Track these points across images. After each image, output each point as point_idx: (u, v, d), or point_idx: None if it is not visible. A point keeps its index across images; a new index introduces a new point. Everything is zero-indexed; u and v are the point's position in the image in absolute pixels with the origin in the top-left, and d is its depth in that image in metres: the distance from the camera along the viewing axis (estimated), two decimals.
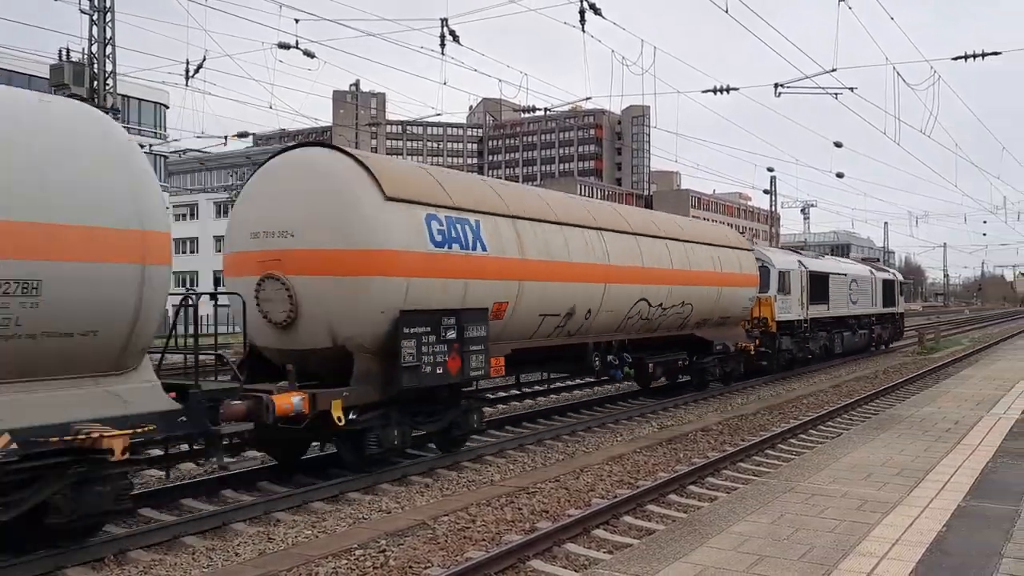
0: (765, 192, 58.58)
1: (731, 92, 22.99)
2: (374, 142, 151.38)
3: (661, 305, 15.84)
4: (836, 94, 21.42)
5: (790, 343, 23.15)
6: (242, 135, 40.41)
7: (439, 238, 10.62)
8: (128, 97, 45.60)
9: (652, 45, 21.89)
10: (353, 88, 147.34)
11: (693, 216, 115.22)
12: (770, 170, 61.78)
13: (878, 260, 45.73)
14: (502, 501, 9.39)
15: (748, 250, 20.27)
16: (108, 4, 22.96)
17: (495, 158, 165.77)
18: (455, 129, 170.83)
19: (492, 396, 17.11)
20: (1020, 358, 22.81)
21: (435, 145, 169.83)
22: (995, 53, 18.69)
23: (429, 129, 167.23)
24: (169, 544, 7.92)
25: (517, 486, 10.08)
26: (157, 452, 8.78)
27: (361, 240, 9.78)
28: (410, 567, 7.14)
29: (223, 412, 8.22)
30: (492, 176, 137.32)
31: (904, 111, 26.48)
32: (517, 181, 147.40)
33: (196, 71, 25.38)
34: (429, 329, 10.26)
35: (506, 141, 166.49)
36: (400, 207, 10.22)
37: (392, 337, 9.96)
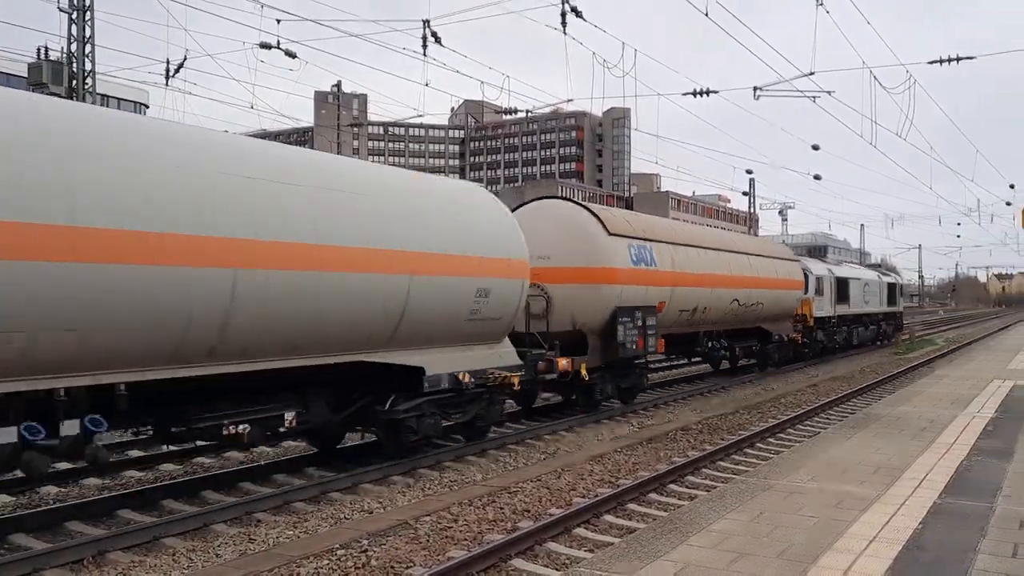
0: (744, 194, 59.00)
1: (711, 95, 23.14)
2: (356, 143, 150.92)
3: (745, 304, 20.79)
4: (814, 97, 21.64)
5: (823, 335, 28.49)
6: None
7: (635, 258, 15.99)
8: (107, 97, 45.17)
9: (633, 48, 21.99)
10: (335, 89, 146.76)
11: (673, 217, 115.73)
12: (749, 172, 62.22)
13: (879, 266, 52.45)
14: (484, 500, 9.41)
15: (795, 260, 25.52)
16: (87, 3, 22.75)
17: (477, 159, 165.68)
18: (437, 131, 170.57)
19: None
20: (993, 358, 23.13)
21: (417, 146, 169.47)
22: (969, 57, 18.97)
23: (411, 130, 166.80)
24: (149, 545, 7.88)
25: (499, 485, 10.11)
26: (138, 453, 8.71)
27: (596, 261, 15.24)
28: (392, 567, 7.15)
29: (539, 367, 13.58)
30: (472, 178, 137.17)
31: (880, 114, 26.82)
32: (498, 183, 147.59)
33: (176, 71, 25.20)
34: (630, 319, 15.48)
35: (488, 143, 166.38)
36: (615, 239, 15.60)
37: (611, 324, 15.26)
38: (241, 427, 8.65)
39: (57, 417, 7.00)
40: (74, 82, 22.05)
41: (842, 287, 30.07)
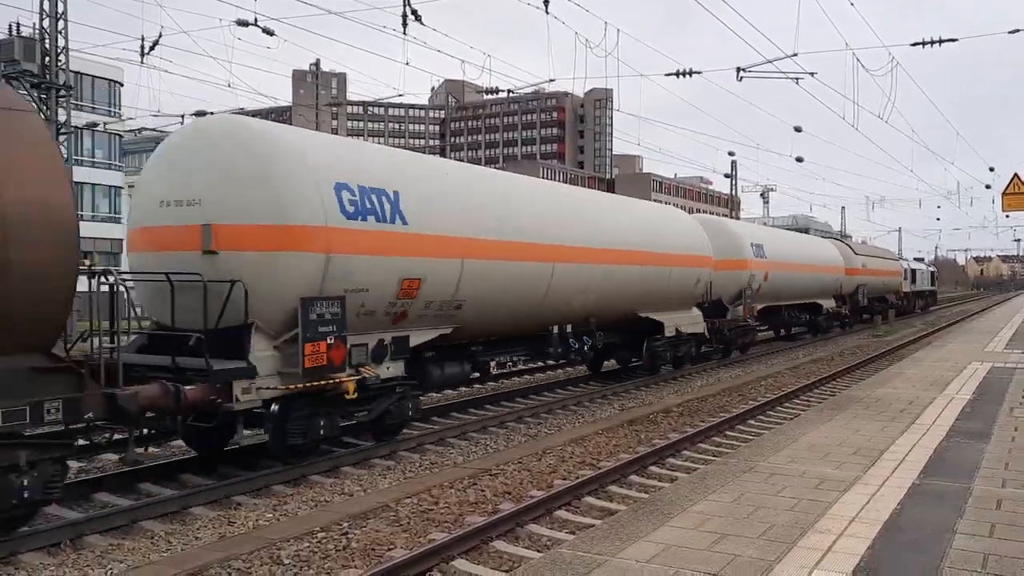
0: (726, 176, 59.13)
1: (694, 76, 23.08)
2: (335, 123, 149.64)
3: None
4: (797, 79, 21.65)
5: (906, 302, 48.33)
6: (200, 114, 39.63)
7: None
8: (81, 74, 44.33)
9: (616, 27, 21.86)
10: (313, 68, 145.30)
11: (654, 199, 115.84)
12: (731, 154, 62.28)
13: (923, 259, 72.12)
14: (465, 483, 9.40)
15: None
16: None
17: (457, 140, 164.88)
18: (417, 110, 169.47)
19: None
20: (971, 341, 23.38)
21: (397, 126, 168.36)
22: (952, 40, 19.00)
23: (391, 110, 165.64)
24: (127, 528, 7.81)
25: (480, 468, 10.10)
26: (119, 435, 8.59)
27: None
28: (372, 549, 7.12)
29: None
30: (453, 158, 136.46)
31: (863, 97, 26.87)
32: (480, 163, 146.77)
33: (152, 48, 24.82)
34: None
35: (468, 123, 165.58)
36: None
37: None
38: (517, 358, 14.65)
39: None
40: (47, 59, 21.63)
41: (917, 274, 51.94)
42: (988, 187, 51.68)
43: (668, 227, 18.37)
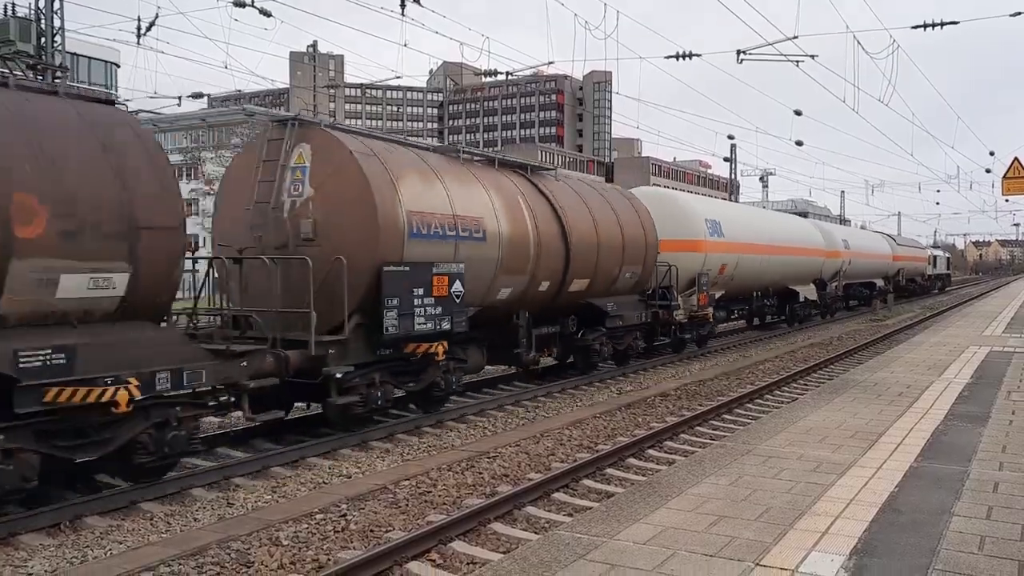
0: (725, 160, 58.88)
1: (694, 58, 22.96)
2: (332, 105, 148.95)
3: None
4: (797, 61, 21.52)
5: (929, 283, 57.68)
6: (197, 96, 39.43)
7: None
8: (77, 55, 44.12)
9: (615, 9, 21.74)
10: (310, 49, 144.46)
11: (653, 183, 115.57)
12: (730, 138, 62.08)
13: (938, 247, 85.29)
14: (463, 465, 9.42)
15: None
16: None
17: (455, 123, 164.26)
18: (415, 93, 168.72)
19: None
20: (969, 325, 23.40)
21: (395, 109, 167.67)
22: (953, 23, 18.90)
23: (389, 92, 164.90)
24: (126, 510, 7.82)
25: (478, 451, 10.12)
26: None
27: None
28: (371, 531, 7.15)
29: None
30: (451, 141, 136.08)
31: (863, 80, 26.76)
32: (477, 146, 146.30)
33: (148, 29, 24.63)
34: None
35: (467, 106, 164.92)
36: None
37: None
38: None
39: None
40: (43, 40, 21.47)
41: (937, 260, 62.72)
42: (988, 171, 51.67)
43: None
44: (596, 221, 15.47)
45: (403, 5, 18.98)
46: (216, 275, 10.65)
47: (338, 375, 10.12)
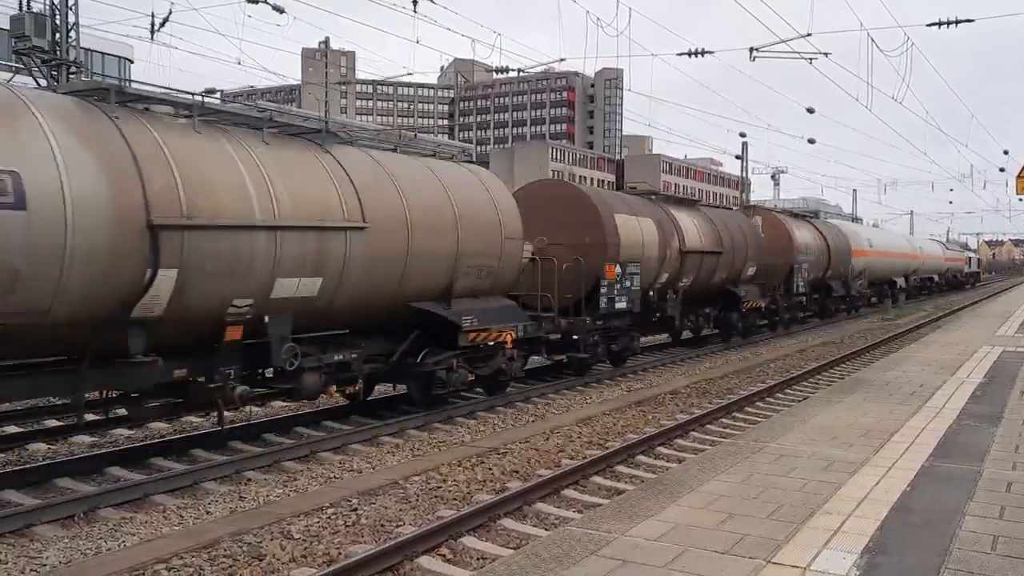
0: (737, 158, 58.74)
1: (706, 56, 22.89)
2: (344, 101, 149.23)
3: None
4: (810, 59, 21.42)
5: (964, 279, 66.94)
6: (210, 92, 39.59)
7: None
8: (91, 51, 44.24)
9: (628, 6, 21.69)
10: (322, 46, 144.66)
11: (664, 181, 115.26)
12: (742, 136, 61.93)
13: (965, 246, 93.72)
14: (473, 461, 9.43)
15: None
16: None
17: (466, 120, 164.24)
18: (426, 90, 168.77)
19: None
20: (982, 324, 23.27)
21: (406, 106, 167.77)
22: (968, 20, 18.77)
23: (400, 89, 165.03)
24: (139, 502, 7.88)
25: (488, 447, 10.14)
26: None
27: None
28: (381, 526, 7.17)
29: None
30: (462, 138, 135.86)
31: (877, 78, 26.64)
32: (488, 144, 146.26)
33: (162, 25, 24.76)
34: None
35: (478, 103, 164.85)
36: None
37: None
38: None
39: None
40: (57, 35, 21.58)
41: (971, 260, 71.61)
42: (1002, 170, 51.35)
43: None
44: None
45: (415, 2, 19.00)
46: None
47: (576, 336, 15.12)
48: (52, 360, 8.06)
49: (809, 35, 19.90)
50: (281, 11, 23.03)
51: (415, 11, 19.74)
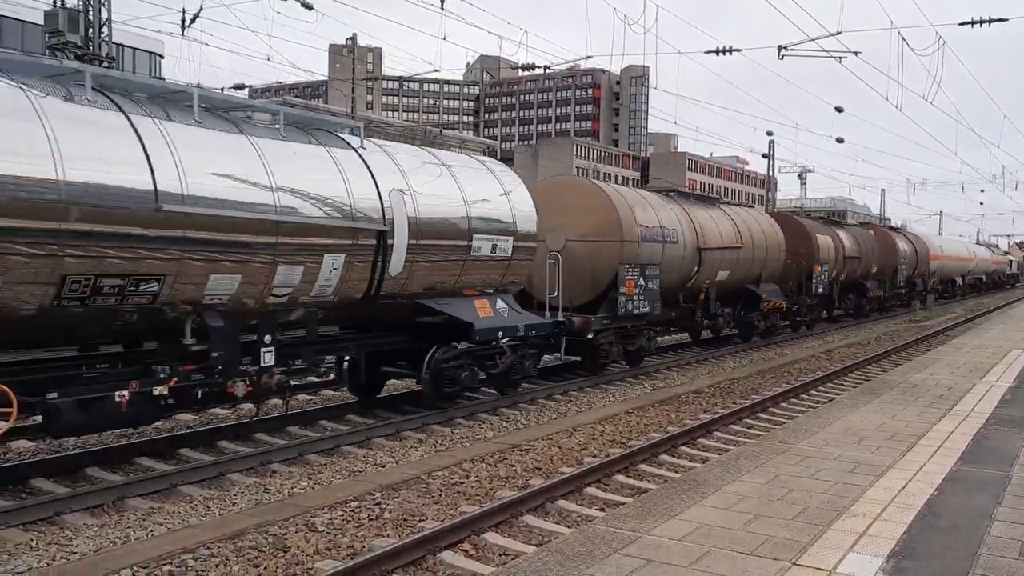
0: (763, 156, 58.26)
1: (733, 53, 22.72)
2: (370, 97, 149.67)
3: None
4: (840, 58, 21.19)
5: (1007, 279, 75.44)
6: (238, 87, 39.92)
7: None
8: (123, 46, 44.78)
9: (655, 3, 21.57)
10: (349, 42, 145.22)
11: (690, 179, 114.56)
12: (769, 134, 61.41)
13: (996, 245, 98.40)
14: (495, 457, 9.46)
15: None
16: None
17: (491, 116, 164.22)
18: (452, 86, 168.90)
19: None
20: (1013, 327, 22.95)
21: (431, 102, 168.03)
22: (1001, 20, 18.49)
23: (426, 85, 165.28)
24: (167, 493, 7.98)
25: (510, 443, 10.15)
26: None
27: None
28: (405, 520, 7.21)
29: None
30: (487, 135, 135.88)
31: (907, 77, 26.29)
32: (513, 141, 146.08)
33: (192, 21, 24.99)
34: None
35: (503, 99, 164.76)
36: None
37: None
38: None
39: None
40: (90, 31, 21.87)
41: (1013, 263, 78.61)
42: None
43: None
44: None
45: None
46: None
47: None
48: None
49: (839, 33, 19.69)
50: (310, 7, 23.18)
51: (443, 8, 19.78)
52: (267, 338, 8.91)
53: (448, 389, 11.70)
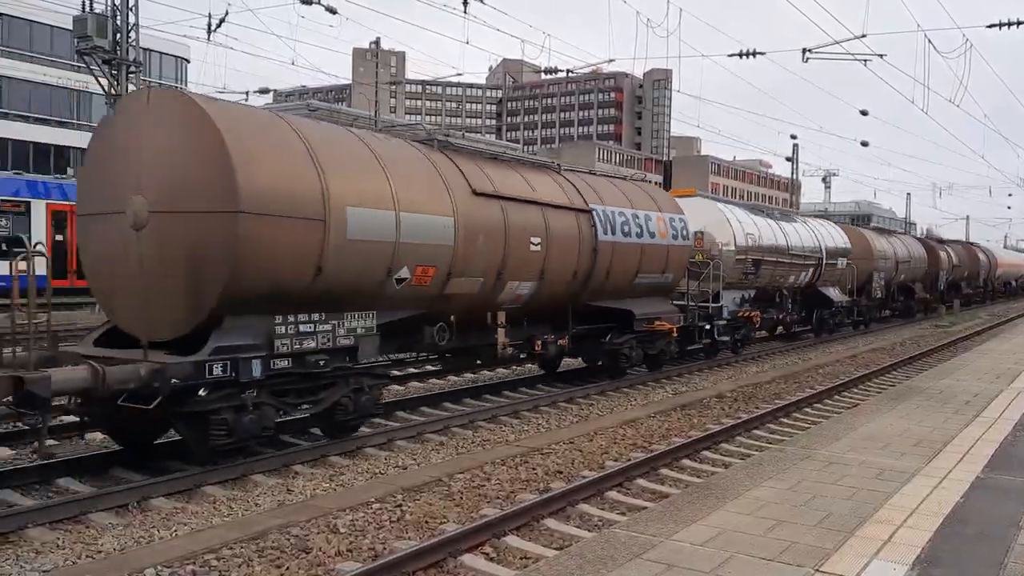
0: (787, 160, 57.93)
1: (757, 56, 22.61)
2: (393, 101, 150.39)
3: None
4: (865, 61, 21.03)
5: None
6: (263, 91, 40.27)
7: None
8: (150, 51, 45.34)
9: (678, 7, 21.52)
10: (373, 46, 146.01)
11: (712, 183, 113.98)
12: (793, 137, 61.01)
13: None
14: (516, 461, 9.46)
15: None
16: None
17: (513, 120, 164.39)
18: (475, 90, 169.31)
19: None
20: None
21: (454, 105, 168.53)
22: None
23: (448, 89, 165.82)
24: (190, 493, 8.05)
25: (531, 446, 10.15)
26: None
27: None
28: (426, 522, 7.23)
29: None
30: (509, 138, 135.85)
31: (934, 80, 26.02)
32: (535, 144, 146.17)
33: (218, 25, 25.27)
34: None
35: (525, 103, 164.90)
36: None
37: None
38: None
39: None
40: (118, 36, 22.16)
41: None
42: None
43: None
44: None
45: (466, 3, 19.10)
46: None
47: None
48: None
49: (864, 36, 19.55)
50: (334, 12, 23.36)
51: (465, 12, 19.85)
52: None
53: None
